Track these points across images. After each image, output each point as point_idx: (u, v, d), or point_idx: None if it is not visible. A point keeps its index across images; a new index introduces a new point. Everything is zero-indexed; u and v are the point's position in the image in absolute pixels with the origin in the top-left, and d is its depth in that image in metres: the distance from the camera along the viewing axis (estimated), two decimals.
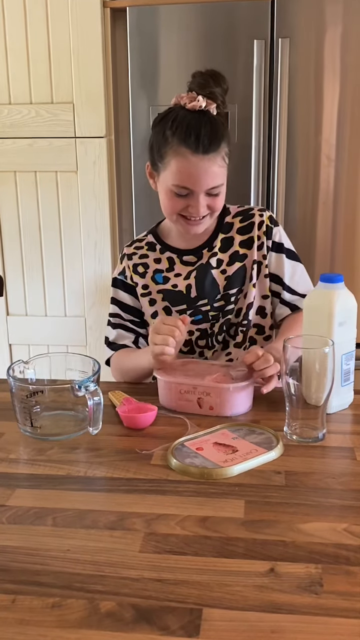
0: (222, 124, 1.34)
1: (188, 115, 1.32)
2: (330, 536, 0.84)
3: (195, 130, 1.29)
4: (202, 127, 1.30)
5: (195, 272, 1.45)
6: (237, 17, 2.19)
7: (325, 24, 2.15)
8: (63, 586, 0.75)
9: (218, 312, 1.45)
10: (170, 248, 1.48)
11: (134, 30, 2.24)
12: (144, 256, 1.50)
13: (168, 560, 0.80)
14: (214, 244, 1.45)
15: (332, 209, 2.31)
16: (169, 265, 1.47)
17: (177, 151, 1.31)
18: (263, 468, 1.01)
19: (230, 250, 1.45)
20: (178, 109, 1.34)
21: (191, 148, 1.29)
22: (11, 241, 2.51)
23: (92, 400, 1.08)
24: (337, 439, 1.11)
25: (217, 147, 1.30)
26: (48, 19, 2.27)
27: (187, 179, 1.31)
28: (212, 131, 1.30)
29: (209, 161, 1.30)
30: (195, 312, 1.45)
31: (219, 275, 1.44)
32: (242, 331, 1.46)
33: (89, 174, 2.39)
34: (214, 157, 1.31)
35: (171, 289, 1.46)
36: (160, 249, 1.49)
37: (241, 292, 1.45)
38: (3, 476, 1.01)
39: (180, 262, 1.47)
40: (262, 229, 1.45)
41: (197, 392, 1.22)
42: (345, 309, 1.17)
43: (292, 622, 0.70)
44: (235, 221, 1.47)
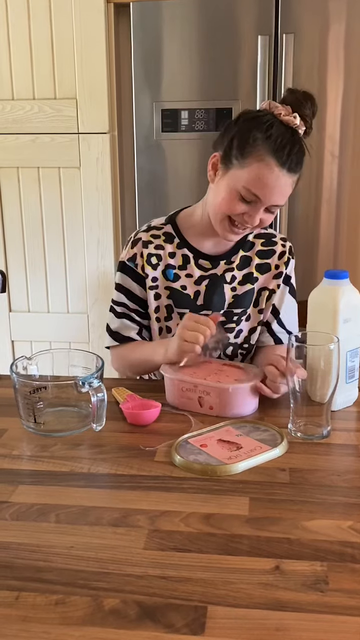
0: (305, 149, 1.32)
1: (282, 128, 1.28)
2: (336, 534, 0.83)
3: (289, 146, 1.27)
4: (295, 145, 1.28)
5: (208, 281, 1.43)
6: (241, 12, 2.18)
7: (329, 19, 2.14)
8: (67, 583, 0.75)
9: (217, 327, 1.41)
10: (188, 245, 1.44)
11: (137, 26, 2.23)
12: (160, 247, 1.45)
13: (172, 558, 0.79)
14: (233, 259, 1.43)
15: (336, 205, 2.30)
16: (182, 263, 1.44)
17: (263, 158, 1.27)
18: (267, 465, 1.01)
19: (246, 270, 1.44)
20: (272, 116, 1.30)
21: (280, 160, 1.26)
22: (14, 237, 2.51)
23: (96, 396, 1.08)
24: (341, 436, 1.10)
25: (299, 170, 1.30)
26: (51, 14, 2.26)
27: (262, 188, 1.28)
28: (299, 152, 1.29)
29: (288, 179, 1.29)
30: None
31: (229, 291, 1.43)
32: (242, 354, 1.46)
33: (92, 170, 2.38)
34: (292, 177, 1.30)
35: (179, 289, 1.43)
36: (178, 243, 1.45)
37: (245, 314, 1.44)
38: (6, 472, 1.01)
39: (194, 264, 1.43)
40: (283, 259, 1.45)
41: (198, 391, 1.21)
42: (350, 306, 1.16)
43: (297, 620, 0.69)
44: (257, 242, 1.45)
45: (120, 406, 1.21)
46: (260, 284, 1.44)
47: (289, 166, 1.27)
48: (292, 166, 1.28)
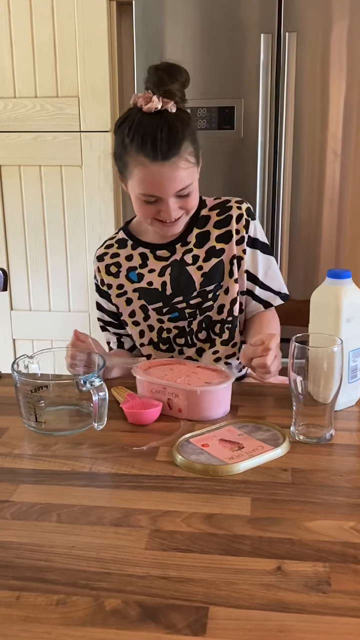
0: (182, 122, 1.27)
1: (144, 120, 1.26)
2: (338, 534, 0.83)
3: (152, 136, 1.24)
4: (159, 132, 1.24)
5: (170, 269, 1.42)
6: (244, 10, 2.17)
7: (332, 18, 2.13)
8: (68, 583, 0.75)
9: (195, 309, 1.42)
10: (142, 243, 1.45)
11: (139, 24, 2.23)
12: (115, 255, 1.47)
13: (174, 558, 0.79)
14: (188, 240, 1.42)
15: (338, 204, 2.29)
16: (142, 262, 1.44)
17: (137, 160, 1.26)
18: (269, 465, 1.00)
19: (207, 246, 1.41)
20: (135, 113, 1.28)
21: (149, 156, 1.24)
22: (15, 235, 2.50)
23: (97, 395, 1.08)
24: (344, 436, 1.10)
25: (178, 151, 1.25)
26: (53, 12, 2.26)
27: (151, 187, 1.27)
28: (169, 134, 1.24)
29: (170, 167, 1.25)
30: (172, 310, 1.42)
31: (195, 271, 1.41)
32: (228, 328, 1.43)
33: (93, 168, 2.38)
34: (175, 162, 1.25)
35: (146, 286, 1.43)
36: (132, 244, 1.46)
37: (220, 287, 1.41)
38: (7, 471, 1.01)
39: (153, 258, 1.44)
40: (242, 222, 1.41)
41: (167, 393, 1.19)
42: (352, 305, 1.16)
43: (299, 621, 0.69)
44: (212, 214, 1.43)
45: (120, 405, 1.21)
46: (229, 254, 1.41)
47: (161, 156, 1.24)
48: (165, 154, 1.24)
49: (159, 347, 1.46)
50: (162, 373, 1.25)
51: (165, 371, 1.27)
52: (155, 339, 1.46)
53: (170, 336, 1.44)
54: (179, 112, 1.29)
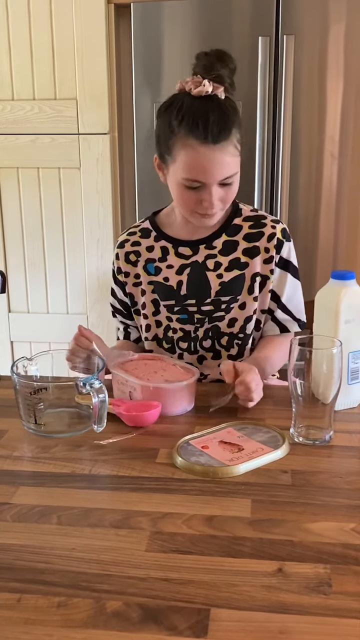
0: (232, 109, 1.26)
1: (194, 103, 1.24)
2: (339, 536, 0.83)
3: (203, 118, 1.22)
4: (210, 114, 1.22)
5: (190, 270, 1.40)
6: (242, 13, 2.18)
7: (329, 21, 2.14)
8: (69, 585, 0.75)
9: (205, 316, 1.39)
10: (166, 237, 1.43)
11: (138, 27, 2.23)
12: (136, 243, 1.45)
13: (174, 560, 0.79)
14: (214, 244, 1.39)
15: (335, 206, 2.30)
16: (162, 255, 1.42)
17: (185, 143, 1.24)
18: (269, 467, 1.00)
19: (232, 256, 1.39)
20: (183, 96, 1.27)
21: (199, 138, 1.22)
22: (13, 238, 2.50)
23: (97, 397, 1.08)
24: (344, 438, 1.10)
25: (228, 135, 1.24)
26: (52, 15, 2.26)
27: (197, 172, 1.25)
28: (220, 118, 1.23)
29: (220, 151, 1.24)
30: (182, 311, 1.41)
31: (214, 278, 1.39)
32: (237, 344, 1.41)
33: (92, 171, 2.38)
34: (225, 146, 1.24)
35: (162, 282, 1.42)
36: (155, 236, 1.44)
37: (236, 301, 1.39)
38: (7, 474, 1.00)
39: (174, 254, 1.41)
40: (273, 242, 1.38)
41: (128, 386, 1.22)
42: (352, 307, 1.16)
43: (300, 622, 0.69)
44: (245, 225, 1.40)
45: (116, 411, 1.18)
46: (252, 270, 1.38)
47: (212, 139, 1.23)
48: (215, 137, 1.23)
49: (162, 345, 1.45)
50: (134, 367, 1.27)
51: (139, 365, 1.28)
52: (160, 336, 1.44)
53: (175, 337, 1.42)
54: (227, 99, 1.27)
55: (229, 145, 1.25)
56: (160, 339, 1.45)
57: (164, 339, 1.44)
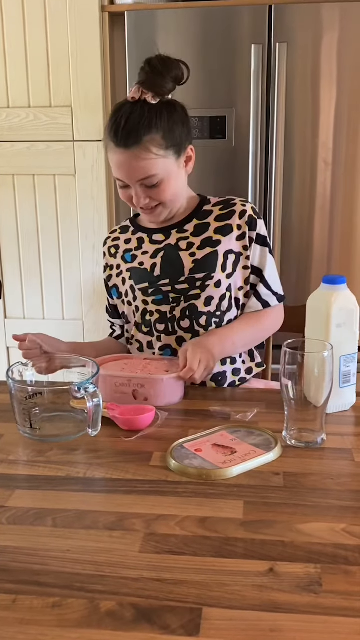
0: (157, 114, 1.32)
1: (122, 107, 1.33)
2: (329, 536, 0.84)
3: (117, 123, 1.31)
4: (125, 119, 1.30)
5: (163, 253, 1.45)
6: (235, 21, 2.20)
7: (322, 28, 2.16)
8: (63, 586, 0.76)
9: (180, 294, 1.42)
10: (142, 229, 1.51)
11: (132, 35, 2.25)
12: (116, 239, 1.54)
13: (168, 561, 0.80)
14: (186, 228, 1.45)
15: (329, 212, 2.32)
16: (137, 245, 1.49)
17: (108, 143, 1.35)
18: (262, 469, 1.02)
19: (204, 235, 1.44)
20: (123, 101, 1.36)
21: (113, 141, 1.32)
22: (9, 244, 2.52)
23: (92, 401, 1.09)
24: (335, 440, 1.11)
25: (137, 140, 1.30)
26: (46, 23, 2.28)
27: (117, 171, 1.35)
28: (133, 123, 1.30)
29: (130, 154, 1.31)
30: (156, 292, 1.44)
31: (186, 257, 1.43)
32: (215, 322, 1.43)
33: (87, 178, 2.40)
34: (135, 150, 1.30)
35: (137, 266, 1.47)
36: (132, 230, 1.52)
37: (211, 278, 1.41)
38: (2, 477, 1.01)
39: (149, 242, 1.48)
40: (244, 219, 1.43)
41: (132, 385, 1.25)
42: (344, 311, 1.17)
43: (291, 621, 0.70)
44: (215, 209, 1.46)
45: (110, 415, 1.19)
46: (225, 247, 1.42)
47: (123, 142, 1.30)
48: (124, 141, 1.30)
49: (142, 329, 1.48)
50: (120, 367, 1.33)
51: (121, 366, 1.35)
52: (139, 321, 1.48)
53: (152, 320, 1.45)
54: (160, 104, 1.33)
55: (140, 149, 1.31)
56: (140, 323, 1.48)
57: (143, 323, 1.48)
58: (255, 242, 1.45)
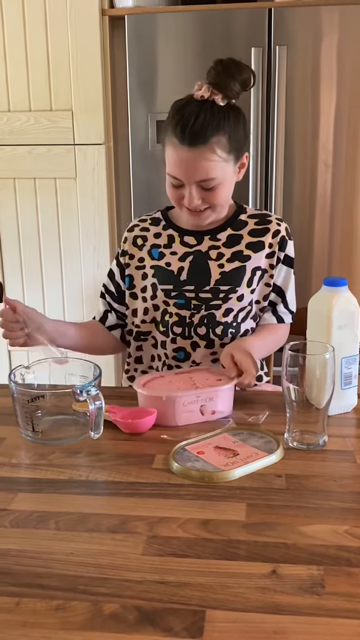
0: (225, 116, 1.30)
1: (189, 105, 1.30)
2: (332, 538, 0.84)
3: (185, 120, 1.27)
4: (194, 117, 1.27)
5: (192, 257, 1.44)
6: (235, 25, 2.21)
7: (321, 31, 2.17)
8: (66, 589, 0.76)
9: (202, 303, 1.42)
10: (173, 226, 1.48)
11: (132, 38, 2.26)
12: (145, 229, 1.50)
13: (170, 563, 0.80)
14: (219, 237, 1.44)
15: (330, 214, 2.32)
16: (167, 242, 1.47)
17: (170, 140, 1.31)
18: (264, 471, 1.02)
19: (235, 248, 1.44)
20: (187, 98, 1.33)
21: (178, 138, 1.29)
22: (10, 247, 2.52)
23: (94, 404, 1.09)
24: (337, 442, 1.11)
25: (205, 140, 1.28)
26: (47, 27, 2.29)
27: (175, 169, 1.32)
28: (203, 123, 1.27)
29: (194, 154, 1.28)
30: (179, 296, 1.43)
31: (215, 267, 1.43)
32: (232, 333, 1.44)
33: (87, 181, 2.40)
34: (201, 150, 1.28)
35: (164, 266, 1.45)
36: (163, 225, 1.49)
37: (234, 292, 1.42)
38: (5, 480, 1.02)
39: (179, 242, 1.46)
40: (277, 239, 1.44)
41: (200, 400, 1.20)
42: (345, 312, 1.17)
43: (294, 623, 0.70)
44: (250, 222, 1.46)
45: (112, 419, 1.19)
46: (254, 263, 1.43)
47: (189, 140, 1.27)
48: (191, 140, 1.27)
49: (158, 327, 1.47)
50: (174, 386, 1.24)
51: (165, 384, 1.25)
52: (158, 319, 1.47)
53: (170, 321, 1.44)
54: (227, 107, 1.32)
55: (205, 150, 1.29)
56: (158, 322, 1.47)
57: (161, 322, 1.47)
58: (282, 262, 1.46)
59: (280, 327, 1.50)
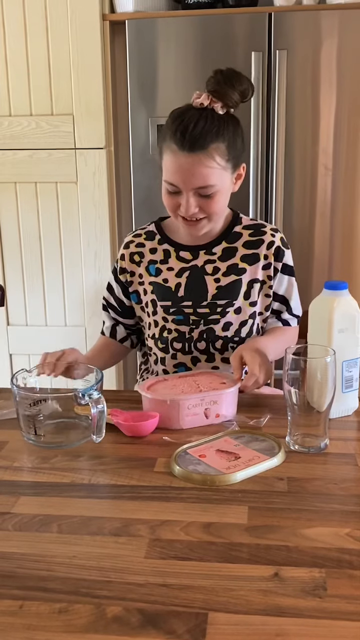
0: (223, 124, 1.30)
1: (188, 112, 1.30)
2: (333, 541, 0.85)
3: (184, 126, 1.28)
4: (194, 123, 1.27)
5: (189, 273, 1.44)
6: (235, 29, 2.22)
7: (321, 35, 2.18)
8: (70, 592, 0.76)
9: (200, 318, 1.43)
10: (168, 240, 1.48)
11: (132, 43, 2.27)
12: (141, 245, 1.50)
13: (173, 566, 0.81)
14: (214, 250, 1.45)
15: (330, 218, 2.33)
16: (163, 257, 1.47)
17: (168, 146, 1.31)
18: (265, 474, 1.02)
19: (230, 261, 1.44)
20: (185, 106, 1.33)
21: (177, 144, 1.28)
22: (12, 251, 2.53)
23: (96, 408, 1.09)
24: (338, 445, 1.12)
25: (204, 146, 1.28)
26: (48, 31, 2.29)
27: (173, 176, 1.31)
28: (203, 129, 1.27)
29: (193, 160, 1.28)
30: (178, 312, 1.44)
31: (211, 282, 1.43)
32: (232, 347, 1.44)
33: (88, 185, 2.41)
34: (200, 156, 1.28)
35: (161, 283, 1.46)
36: (159, 239, 1.49)
37: (232, 305, 1.43)
38: (7, 484, 1.02)
39: (175, 257, 1.46)
40: (272, 250, 1.44)
41: (204, 403, 1.21)
42: (346, 316, 1.18)
43: (296, 625, 0.70)
44: (245, 233, 1.46)
45: (114, 421, 1.19)
46: (250, 276, 1.44)
47: (188, 146, 1.27)
48: (191, 145, 1.27)
49: (157, 344, 1.48)
50: (178, 390, 1.24)
51: (169, 388, 1.25)
52: (156, 335, 1.48)
53: (169, 337, 1.45)
54: (226, 115, 1.32)
55: (204, 156, 1.28)
56: (157, 338, 1.48)
57: (159, 339, 1.47)
58: (281, 271, 1.46)
59: (289, 329, 1.51)
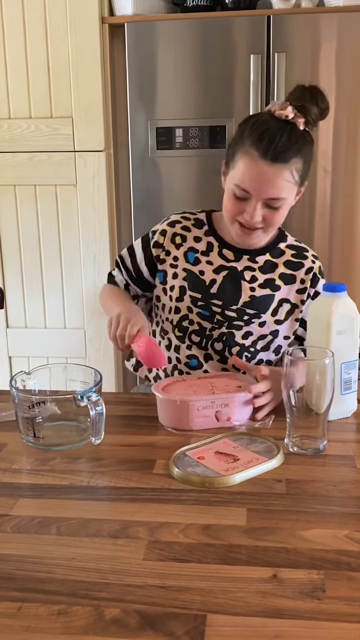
0: (303, 140, 1.31)
1: (271, 122, 1.30)
2: (332, 542, 0.85)
3: (271, 135, 1.27)
4: (279, 135, 1.27)
5: (227, 273, 1.43)
6: (234, 32, 2.22)
7: (320, 38, 2.18)
8: (68, 593, 0.76)
9: (226, 320, 1.42)
10: (215, 234, 1.47)
11: (132, 46, 2.27)
12: (186, 229, 1.48)
13: (172, 568, 0.81)
14: (257, 260, 1.44)
15: (329, 220, 2.33)
16: (205, 249, 1.45)
17: (247, 151, 1.29)
18: (264, 476, 1.02)
19: (269, 275, 1.44)
20: (265, 114, 1.33)
21: (260, 152, 1.27)
22: (11, 254, 2.53)
23: (95, 410, 1.09)
24: (337, 447, 1.12)
25: (287, 159, 1.28)
26: (47, 34, 2.30)
27: (248, 182, 1.30)
28: (286, 142, 1.27)
29: (274, 170, 1.28)
30: (206, 307, 1.43)
31: (246, 290, 1.43)
32: (246, 357, 1.44)
33: (88, 188, 2.41)
34: (281, 168, 1.28)
35: (197, 273, 1.44)
36: (206, 230, 1.47)
37: (258, 317, 1.42)
38: (6, 486, 1.02)
39: (217, 253, 1.45)
40: (309, 276, 1.45)
41: (215, 406, 1.20)
42: (344, 318, 1.18)
43: (295, 627, 0.71)
44: (288, 252, 1.46)
45: (134, 346, 1.22)
46: (283, 294, 1.43)
47: (272, 156, 1.27)
48: (275, 156, 1.27)
49: (176, 332, 1.47)
50: (186, 391, 1.25)
51: (184, 389, 1.26)
52: (174, 322, 1.46)
53: (190, 328, 1.44)
54: (304, 132, 1.32)
55: (285, 169, 1.29)
56: (174, 325, 1.47)
57: (177, 327, 1.46)
58: (312, 298, 1.46)
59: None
